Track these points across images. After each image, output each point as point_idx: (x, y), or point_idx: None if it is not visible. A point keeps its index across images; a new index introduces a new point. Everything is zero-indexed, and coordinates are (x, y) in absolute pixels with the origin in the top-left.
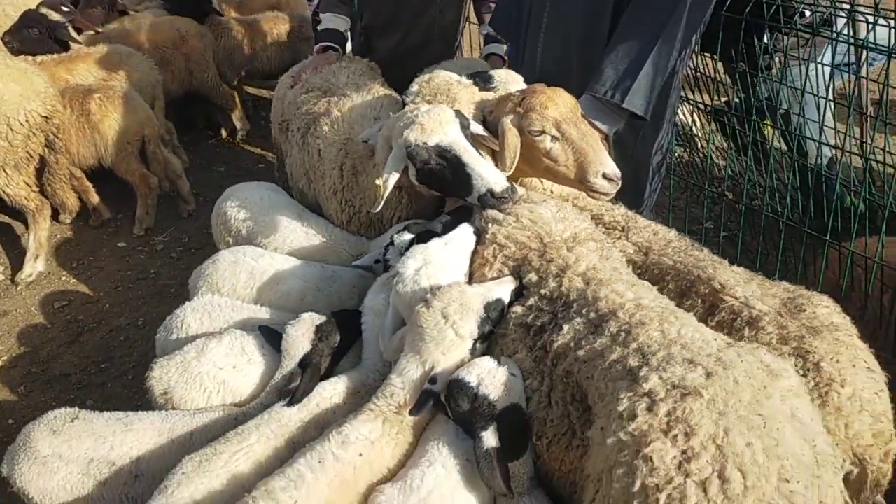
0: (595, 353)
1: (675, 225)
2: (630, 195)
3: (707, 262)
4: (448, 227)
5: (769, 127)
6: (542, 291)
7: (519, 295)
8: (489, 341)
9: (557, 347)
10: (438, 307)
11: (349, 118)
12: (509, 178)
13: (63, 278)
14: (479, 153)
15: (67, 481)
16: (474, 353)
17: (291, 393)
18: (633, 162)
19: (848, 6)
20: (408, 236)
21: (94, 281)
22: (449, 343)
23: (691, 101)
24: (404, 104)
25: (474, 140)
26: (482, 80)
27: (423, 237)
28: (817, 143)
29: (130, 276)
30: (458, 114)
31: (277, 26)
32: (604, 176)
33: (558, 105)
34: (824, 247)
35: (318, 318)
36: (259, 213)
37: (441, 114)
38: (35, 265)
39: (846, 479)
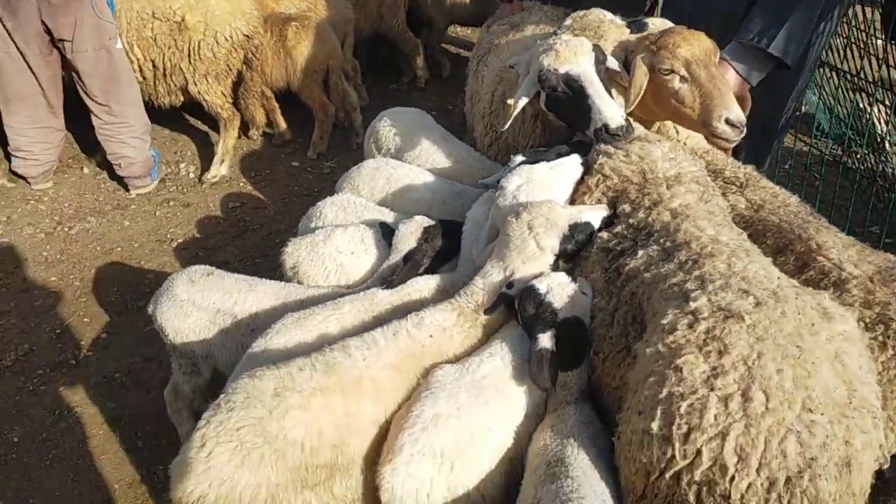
0: (660, 277)
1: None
2: (753, 152)
3: (813, 224)
4: (561, 157)
5: None
6: (631, 221)
7: (609, 223)
8: (573, 262)
9: (629, 270)
10: (526, 219)
11: (511, 49)
12: (630, 117)
13: (241, 184)
14: (609, 90)
15: (197, 325)
16: (556, 269)
17: (390, 280)
18: (762, 118)
19: None
20: (519, 158)
21: (265, 191)
22: (530, 252)
23: (876, 93)
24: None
25: (607, 76)
26: (636, 26)
27: (532, 160)
28: None
29: (297, 192)
30: (596, 48)
31: None
32: (727, 121)
33: (692, 46)
34: None
35: (428, 222)
36: (407, 131)
37: (578, 45)
38: (220, 168)
39: None
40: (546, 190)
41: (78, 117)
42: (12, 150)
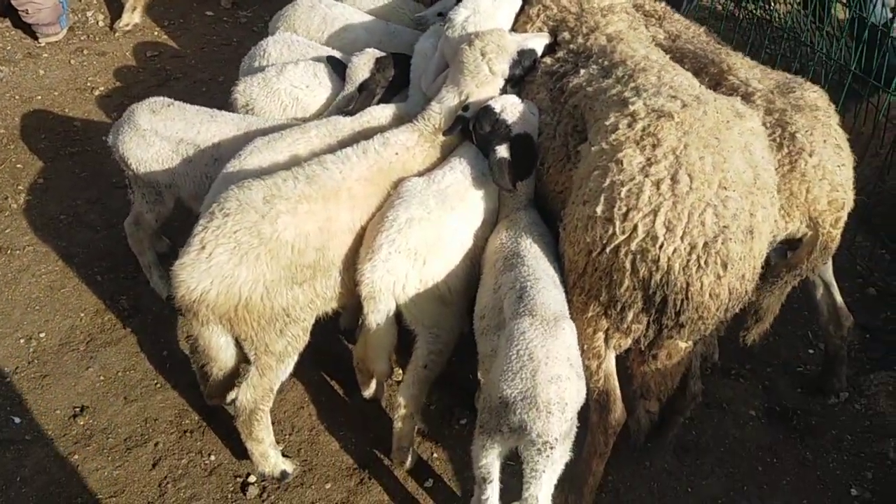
0: (600, 90)
1: None
2: None
3: (723, 50)
4: None
5: None
6: (571, 46)
7: (551, 50)
8: (519, 87)
9: (572, 87)
10: (479, 46)
11: None
12: None
13: (156, 33)
14: None
15: (160, 154)
16: (504, 93)
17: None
18: None
19: None
20: None
21: (182, 40)
22: (483, 77)
23: None
24: None
25: None
26: None
27: None
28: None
29: (215, 41)
30: None
31: None
32: None
33: None
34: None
35: (379, 53)
36: None
37: None
38: (132, 16)
39: (800, 241)
40: (492, 20)
41: None
42: None
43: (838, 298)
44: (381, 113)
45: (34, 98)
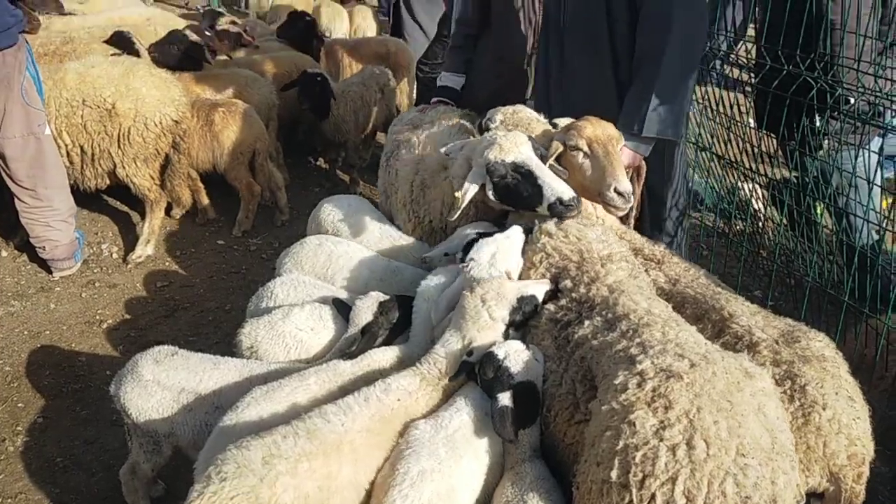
0: (606, 344)
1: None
2: (653, 218)
3: (723, 295)
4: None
5: (821, 204)
6: (573, 295)
7: (553, 297)
8: (523, 330)
9: (578, 338)
10: (479, 293)
11: (423, 142)
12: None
13: (167, 263)
14: None
15: (161, 404)
16: (507, 337)
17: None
18: (654, 190)
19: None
20: (471, 232)
21: (192, 269)
22: (483, 323)
23: (750, 174)
24: (482, 128)
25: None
26: (552, 125)
27: (487, 233)
28: (863, 223)
29: (224, 269)
30: (531, 139)
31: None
32: (615, 191)
33: (595, 128)
34: (862, 319)
35: (383, 297)
36: (347, 215)
37: (517, 137)
38: (145, 248)
39: (822, 496)
40: (512, 257)
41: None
42: None
43: None
44: (383, 356)
45: (42, 333)
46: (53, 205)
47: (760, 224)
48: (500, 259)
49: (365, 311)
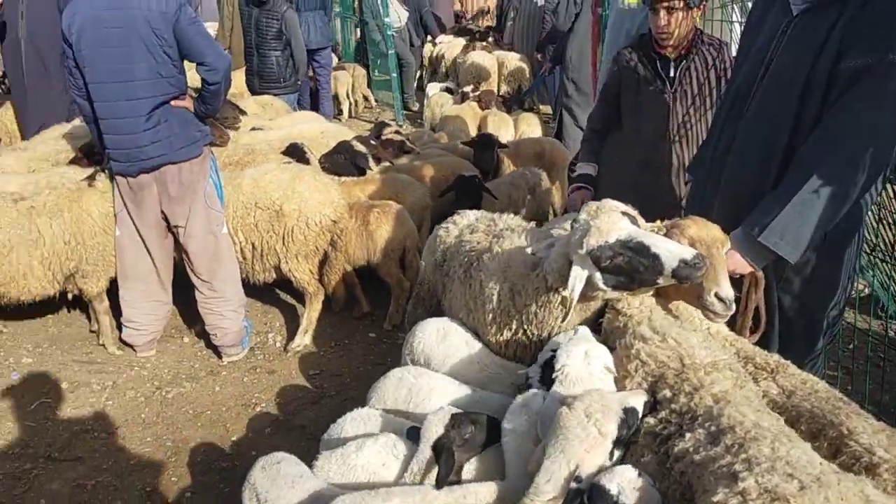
0: (709, 459)
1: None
2: (803, 344)
3: (843, 410)
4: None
5: None
6: (673, 406)
7: (652, 409)
8: (625, 450)
9: (678, 451)
10: (581, 407)
11: (509, 250)
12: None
13: (321, 353)
14: None
15: None
16: (611, 458)
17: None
18: (808, 312)
19: None
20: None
21: (343, 360)
22: (593, 440)
23: None
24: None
25: None
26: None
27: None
28: None
29: (371, 361)
30: (624, 213)
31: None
32: (716, 296)
33: (700, 229)
34: None
35: (454, 410)
36: (436, 342)
37: (611, 215)
38: (303, 338)
39: None
40: (604, 352)
41: (182, 292)
42: (124, 320)
43: None
44: (481, 490)
45: (204, 413)
46: (226, 296)
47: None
48: (593, 355)
49: (436, 424)
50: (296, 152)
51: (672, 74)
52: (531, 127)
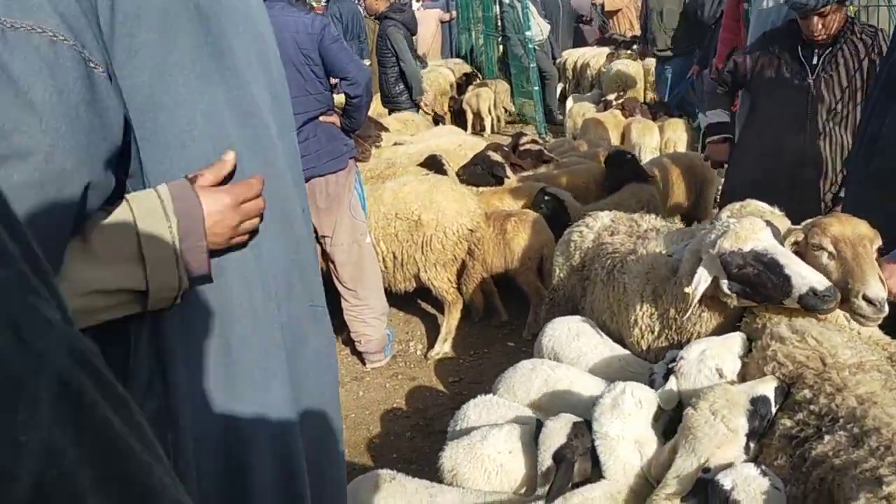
0: (850, 463)
1: None
2: None
3: None
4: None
5: None
6: (812, 408)
7: (786, 397)
8: (758, 448)
9: (816, 455)
10: (705, 406)
11: (652, 252)
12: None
13: (461, 361)
14: None
15: None
16: (748, 452)
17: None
18: None
19: None
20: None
21: (482, 367)
22: (722, 437)
23: None
24: None
25: None
26: None
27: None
28: None
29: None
30: (769, 223)
31: None
32: (864, 298)
33: (843, 226)
34: None
35: (575, 418)
36: (569, 339)
37: (754, 222)
38: (443, 346)
39: None
40: (726, 355)
41: (328, 301)
42: None
43: None
44: (591, 495)
45: (349, 416)
46: (370, 304)
47: None
48: (709, 354)
49: (557, 432)
50: (434, 164)
51: (815, 62)
52: (677, 133)
